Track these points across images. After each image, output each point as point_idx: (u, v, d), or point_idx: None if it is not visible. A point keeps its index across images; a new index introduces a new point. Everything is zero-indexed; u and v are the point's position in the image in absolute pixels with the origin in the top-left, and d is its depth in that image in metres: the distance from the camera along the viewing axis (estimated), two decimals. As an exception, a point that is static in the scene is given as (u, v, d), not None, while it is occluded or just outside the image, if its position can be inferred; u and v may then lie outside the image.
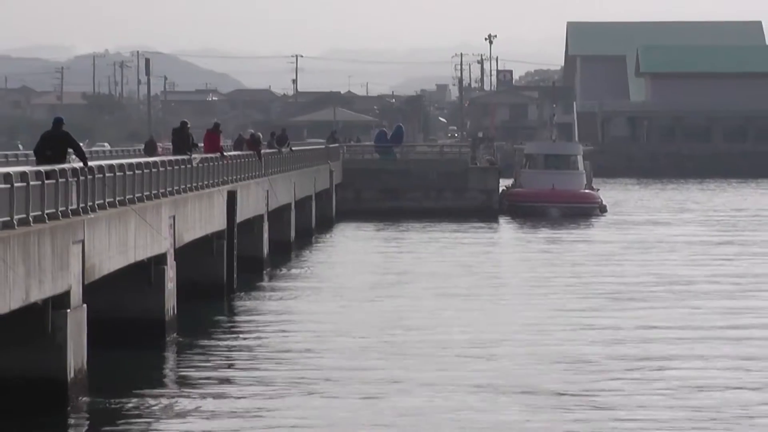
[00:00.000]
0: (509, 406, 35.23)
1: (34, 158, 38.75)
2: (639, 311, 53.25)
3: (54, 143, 37.04)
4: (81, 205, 35.40)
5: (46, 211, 32.54)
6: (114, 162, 42.15)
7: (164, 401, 35.62)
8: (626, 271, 66.55)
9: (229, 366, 40.67)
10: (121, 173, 40.30)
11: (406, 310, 52.77)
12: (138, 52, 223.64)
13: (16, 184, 30.05)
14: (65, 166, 35.45)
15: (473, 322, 49.88)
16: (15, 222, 30.04)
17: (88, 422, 32.73)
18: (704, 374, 39.77)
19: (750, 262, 70.13)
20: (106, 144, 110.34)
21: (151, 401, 35.19)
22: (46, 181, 32.37)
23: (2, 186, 29.59)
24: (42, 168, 32.72)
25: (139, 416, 33.08)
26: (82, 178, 35.90)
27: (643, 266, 68.95)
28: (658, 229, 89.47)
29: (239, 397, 35.95)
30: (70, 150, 38.13)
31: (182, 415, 33.91)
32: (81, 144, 41.51)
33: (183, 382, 38.51)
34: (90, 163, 36.91)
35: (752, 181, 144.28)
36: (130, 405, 34.19)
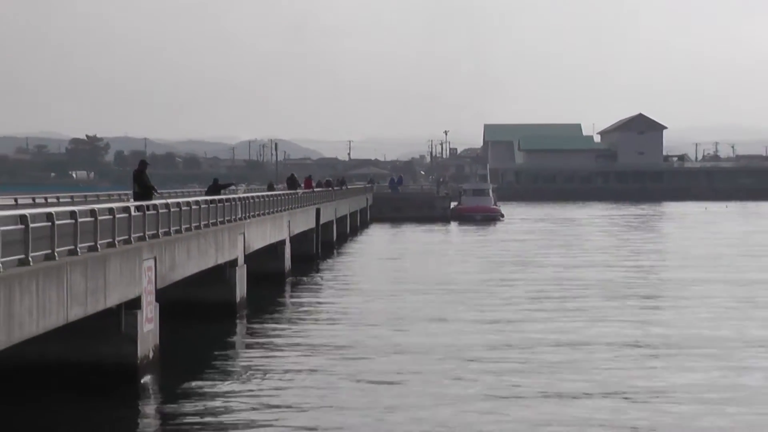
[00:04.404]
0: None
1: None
2: (512, 245, 55.34)
3: (215, 186, 37.60)
4: (243, 215, 35.52)
5: (227, 219, 32.69)
6: (258, 194, 42.34)
7: (256, 329, 33.93)
8: (516, 240, 66.68)
9: (313, 293, 40.04)
10: (262, 199, 40.44)
11: (406, 262, 52.95)
12: (271, 139, 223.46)
13: (203, 207, 30.13)
14: (233, 196, 35.57)
15: (438, 262, 50.21)
16: (210, 225, 30.12)
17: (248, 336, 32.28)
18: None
19: (576, 237, 70.94)
20: (243, 185, 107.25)
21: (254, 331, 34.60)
22: (219, 205, 32.43)
23: (203, 207, 29.58)
24: (213, 198, 32.69)
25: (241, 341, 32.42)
26: (241, 200, 36.08)
27: (524, 238, 69.69)
28: (529, 225, 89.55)
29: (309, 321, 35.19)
30: (233, 187, 38.74)
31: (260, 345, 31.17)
32: (233, 184, 42.57)
33: (295, 310, 37.87)
34: (245, 194, 37.12)
35: (577, 204, 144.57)
36: (245, 332, 33.84)
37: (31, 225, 16.69)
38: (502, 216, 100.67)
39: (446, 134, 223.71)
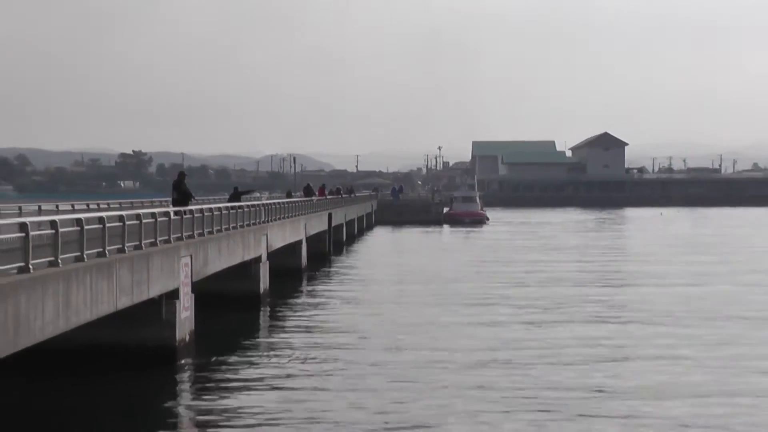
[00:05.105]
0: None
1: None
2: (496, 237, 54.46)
3: (236, 193, 36.97)
4: (266, 218, 35.46)
5: (252, 222, 32.64)
6: (278, 201, 42.25)
7: (284, 313, 34.29)
8: (500, 240, 66.39)
9: (326, 285, 39.79)
10: (282, 205, 40.36)
11: (405, 258, 52.51)
12: (290, 154, 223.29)
13: (232, 212, 30.09)
14: (256, 203, 35.51)
15: (433, 259, 50.06)
16: (237, 227, 30.11)
17: (269, 317, 32.17)
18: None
19: (546, 238, 70.61)
20: (266, 192, 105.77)
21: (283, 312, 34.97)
22: (245, 210, 32.35)
23: (231, 212, 29.60)
24: (240, 204, 32.40)
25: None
26: (264, 206, 36.02)
27: (506, 238, 69.39)
28: (511, 227, 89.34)
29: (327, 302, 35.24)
30: (257, 195, 38.37)
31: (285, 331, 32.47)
32: (255, 191, 41.97)
33: (312, 293, 37.81)
34: (267, 201, 36.98)
35: (552, 209, 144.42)
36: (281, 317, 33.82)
37: (86, 227, 16.73)
38: (488, 219, 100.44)
39: (440, 150, 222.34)
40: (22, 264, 14.11)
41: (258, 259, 32.84)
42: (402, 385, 19.50)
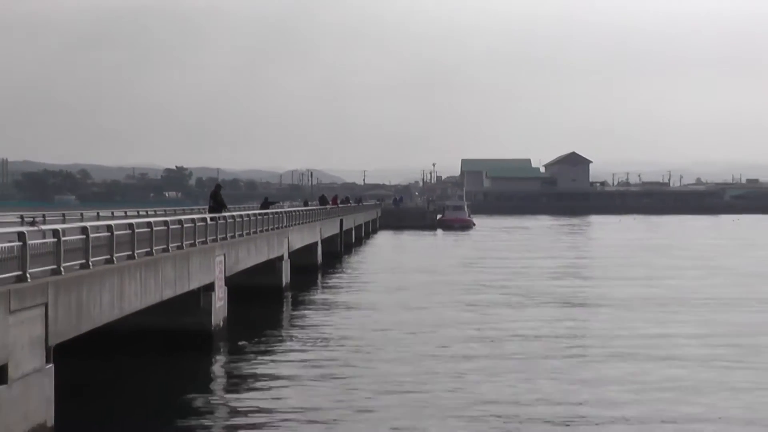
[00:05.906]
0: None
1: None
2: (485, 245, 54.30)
3: (266, 202, 36.80)
4: (288, 223, 35.46)
5: (276, 226, 32.62)
6: (299, 209, 42.22)
7: (308, 295, 34.69)
8: (484, 241, 66.34)
9: (338, 278, 39.76)
10: (300, 212, 40.33)
11: (405, 257, 52.36)
12: (308, 169, 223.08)
13: (259, 218, 30.09)
14: (279, 210, 35.48)
15: (428, 257, 49.94)
16: (263, 230, 30.09)
17: (295, 310, 32.11)
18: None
19: (527, 241, 70.44)
20: (287, 202, 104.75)
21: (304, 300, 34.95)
22: (270, 216, 32.31)
23: (258, 218, 29.62)
24: (266, 211, 32.50)
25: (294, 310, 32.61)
26: (285, 213, 36.01)
27: (490, 240, 69.23)
28: (494, 231, 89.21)
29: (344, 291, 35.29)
30: (280, 204, 38.13)
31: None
32: (279, 202, 41.57)
33: (327, 285, 37.85)
34: (288, 209, 36.88)
35: (528, 216, 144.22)
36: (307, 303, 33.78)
37: (136, 230, 16.81)
38: (474, 225, 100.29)
39: (434, 166, 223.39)
40: (83, 261, 14.20)
41: (281, 258, 32.85)
42: (403, 355, 19.91)
